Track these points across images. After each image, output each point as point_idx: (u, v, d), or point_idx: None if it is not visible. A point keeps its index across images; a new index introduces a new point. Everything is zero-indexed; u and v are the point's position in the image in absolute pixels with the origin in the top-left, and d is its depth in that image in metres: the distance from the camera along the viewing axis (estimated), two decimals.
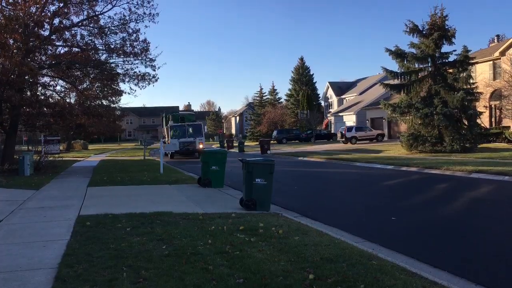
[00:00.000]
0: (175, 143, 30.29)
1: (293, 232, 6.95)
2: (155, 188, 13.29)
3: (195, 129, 31.31)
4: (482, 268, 5.57)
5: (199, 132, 31.38)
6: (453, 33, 26.46)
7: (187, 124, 31.65)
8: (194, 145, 30.29)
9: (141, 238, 6.63)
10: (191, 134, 30.70)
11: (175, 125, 31.57)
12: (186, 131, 30.69)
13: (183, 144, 30.25)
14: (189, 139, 30.40)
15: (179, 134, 30.58)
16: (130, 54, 20.85)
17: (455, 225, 8.10)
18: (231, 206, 9.78)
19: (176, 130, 30.95)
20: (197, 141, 30.50)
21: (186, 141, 30.32)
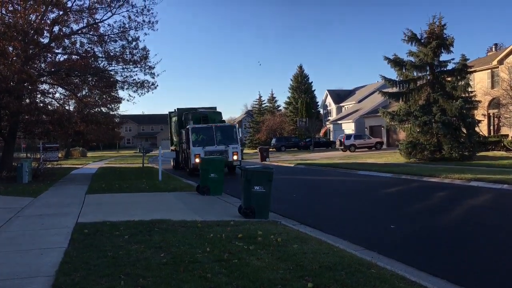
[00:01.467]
0: (199, 153, 20.92)
1: (292, 240, 6.93)
2: (153, 196, 13.26)
3: (227, 132, 22.41)
4: (481, 277, 5.54)
5: (233, 138, 22.16)
6: (451, 41, 26.58)
7: (215, 126, 22.43)
8: (226, 155, 21.05)
9: (139, 246, 6.60)
10: (221, 140, 21.78)
11: (198, 127, 22.11)
12: (213, 136, 21.76)
13: (211, 154, 20.56)
14: (218, 147, 21.36)
15: (204, 140, 21.56)
16: (130, 61, 20.95)
17: (454, 233, 8.08)
18: (229, 213, 9.76)
19: (199, 134, 21.85)
20: (230, 150, 21.51)
21: (214, 151, 21.06)
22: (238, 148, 21.98)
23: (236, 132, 22.42)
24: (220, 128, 22.42)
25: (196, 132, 21.74)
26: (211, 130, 21.88)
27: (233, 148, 21.63)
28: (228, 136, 22.16)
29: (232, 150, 21.58)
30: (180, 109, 26.05)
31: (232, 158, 21.54)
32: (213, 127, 22.04)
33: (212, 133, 21.77)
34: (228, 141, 21.76)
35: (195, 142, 21.37)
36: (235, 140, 22.07)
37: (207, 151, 20.96)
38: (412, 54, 27.59)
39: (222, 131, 22.19)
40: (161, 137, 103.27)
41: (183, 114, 24.65)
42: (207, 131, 21.87)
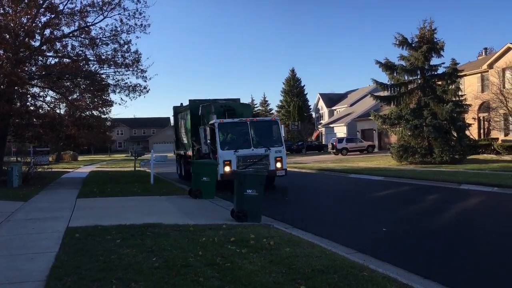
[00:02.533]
0: (229, 159, 15.60)
1: (285, 243, 6.93)
2: (145, 200, 13.20)
3: (267, 130, 16.85)
4: (473, 279, 5.58)
5: (275, 138, 16.64)
6: (442, 46, 26.84)
7: (251, 120, 16.72)
8: (267, 162, 15.91)
9: (131, 250, 6.57)
10: (259, 141, 16.13)
11: (228, 122, 16.52)
12: (249, 135, 16.12)
13: (246, 160, 15.66)
14: (256, 151, 15.90)
15: (236, 141, 16.10)
16: (122, 65, 20.86)
17: (445, 235, 8.13)
18: (222, 217, 9.74)
19: (228, 132, 16.35)
20: (272, 155, 16.04)
21: (251, 156, 15.79)
22: (283, 151, 16.24)
23: (280, 130, 16.50)
24: (258, 124, 16.69)
25: (225, 130, 16.09)
26: (245, 127, 16.12)
27: (276, 152, 15.92)
28: (269, 135, 16.64)
29: (275, 155, 15.86)
30: (195, 100, 19.63)
31: (274, 166, 15.81)
32: (248, 123, 16.24)
33: (247, 131, 16.00)
34: (269, 142, 16.15)
35: (224, 143, 15.73)
36: (278, 141, 16.31)
37: (240, 157, 15.48)
38: (403, 58, 27.82)
39: (260, 128, 16.56)
40: (153, 141, 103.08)
41: (200, 107, 18.25)
42: (239, 129, 16.28)
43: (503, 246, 7.19)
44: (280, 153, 16.13)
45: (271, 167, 15.85)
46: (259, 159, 15.72)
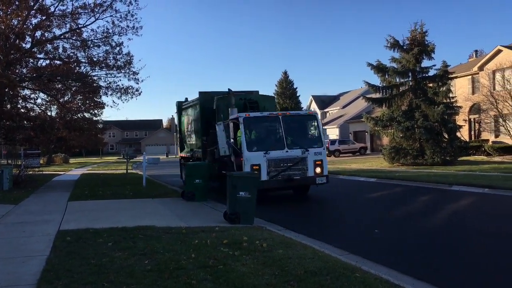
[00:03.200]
0: (258, 163, 12.47)
1: (277, 245, 6.93)
2: (137, 202, 13.13)
3: (303, 127, 14.05)
4: (464, 280, 5.62)
5: (314, 136, 13.70)
6: (433, 48, 27.05)
7: (284, 114, 13.46)
8: (304, 167, 12.82)
9: (123, 253, 6.53)
10: (294, 140, 13.16)
11: (255, 116, 13.31)
12: (282, 133, 13.06)
13: (279, 165, 12.61)
14: (291, 152, 12.79)
15: (265, 141, 13.22)
16: (113, 67, 20.79)
17: (437, 237, 8.18)
18: (214, 219, 9.72)
19: (255, 130, 13.32)
20: (311, 157, 12.89)
21: (285, 159, 12.68)
22: (324, 153, 13.18)
23: (319, 126, 13.51)
24: (292, 119, 13.47)
25: (251, 127, 12.98)
26: (276, 123, 13.06)
27: (315, 154, 12.84)
28: (306, 132, 13.85)
29: (314, 157, 12.76)
30: (206, 93, 16.21)
31: (313, 171, 12.73)
32: (281, 118, 13.02)
33: (278, 128, 13.00)
34: (306, 142, 13.19)
35: (251, 143, 12.63)
36: (318, 140, 13.30)
37: (272, 160, 12.34)
38: (394, 61, 27.99)
39: (295, 125, 13.52)
40: (145, 143, 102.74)
41: (214, 99, 15.07)
42: (269, 125, 13.44)
43: (494, 247, 7.25)
44: (321, 155, 13.06)
45: (309, 172, 12.73)
46: (294, 163, 12.55)
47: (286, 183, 12.66)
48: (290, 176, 12.62)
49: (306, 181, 12.99)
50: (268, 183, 12.44)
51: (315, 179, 12.91)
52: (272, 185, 12.59)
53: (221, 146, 13.06)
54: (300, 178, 12.68)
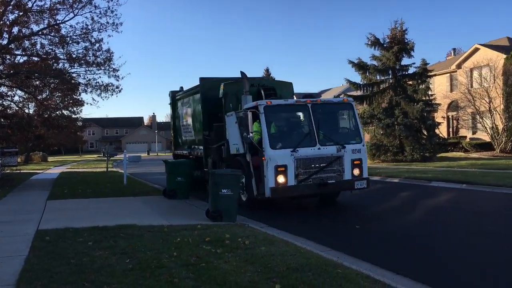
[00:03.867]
0: (284, 164, 9.97)
1: (260, 242, 6.95)
2: (118, 201, 13.00)
3: (337, 117, 11.66)
4: (443, 273, 5.73)
5: (349, 129, 11.35)
6: (412, 46, 27.43)
7: (312, 102, 10.82)
8: (339, 168, 10.47)
9: (103, 252, 6.46)
10: (326, 135, 10.59)
11: (278, 104, 10.82)
12: (312, 126, 10.49)
13: (310, 165, 10.19)
14: (324, 150, 10.35)
15: (291, 135, 10.77)
16: (93, 63, 20.47)
17: (417, 232, 8.31)
18: (197, 217, 9.68)
19: (279, 121, 11.03)
20: (348, 156, 10.54)
21: (316, 157, 10.25)
22: (364, 151, 10.86)
23: (356, 117, 11.16)
24: (324, 108, 11.06)
25: (273, 117, 10.54)
26: (305, 113, 10.70)
27: (353, 151, 10.54)
28: (340, 125, 11.54)
29: (352, 156, 10.49)
30: (208, 79, 13.99)
31: (351, 174, 10.49)
32: (310, 106, 10.54)
33: (307, 119, 10.59)
34: (341, 137, 10.84)
35: (274, 138, 10.25)
36: (355, 134, 10.99)
37: (301, 159, 10.01)
38: (375, 58, 28.29)
39: (327, 115, 11.07)
40: (126, 141, 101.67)
41: (221, 86, 12.57)
42: (295, 116, 11.29)
43: (472, 242, 7.41)
44: (360, 154, 10.62)
45: (346, 175, 10.39)
46: (328, 164, 10.20)
47: (319, 188, 10.16)
48: (323, 179, 10.15)
49: (343, 186, 10.56)
50: (297, 189, 9.94)
51: (353, 183, 10.46)
52: (301, 191, 10.07)
53: (233, 142, 11.20)
54: (335, 182, 10.27)
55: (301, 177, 10.03)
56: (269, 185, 9.87)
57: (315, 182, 10.15)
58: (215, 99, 12.85)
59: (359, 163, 10.65)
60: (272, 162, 9.91)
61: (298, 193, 10.26)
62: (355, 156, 10.57)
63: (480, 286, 5.31)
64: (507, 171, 17.56)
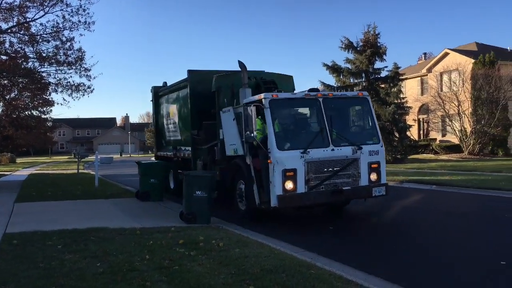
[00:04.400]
0: (293, 166, 8.53)
1: (234, 244, 6.92)
2: (89, 203, 12.72)
3: (351, 114, 10.34)
4: (412, 273, 5.83)
5: (365, 127, 10.18)
6: (385, 50, 27.95)
7: (324, 96, 9.33)
8: (355, 172, 9.04)
9: (73, 255, 6.31)
10: (339, 134, 9.17)
11: (286, 98, 9.39)
12: (324, 124, 9.02)
13: (322, 169, 8.76)
14: (338, 151, 8.93)
15: (300, 134, 9.49)
16: (64, 63, 20.04)
17: (388, 232, 8.44)
18: (170, 219, 9.57)
19: (286, 119, 9.71)
20: (364, 158, 9.15)
21: (329, 159, 8.83)
22: (382, 152, 9.53)
23: (372, 114, 9.88)
24: (337, 104, 9.79)
25: (280, 113, 9.29)
26: (315, 108, 9.38)
27: (370, 153, 9.29)
28: (355, 123, 10.51)
29: (369, 159, 9.22)
30: (197, 72, 12.72)
31: (368, 179, 9.19)
32: (321, 100, 9.22)
33: (318, 116, 9.28)
34: (357, 136, 9.67)
35: (281, 138, 8.99)
36: (372, 134, 9.80)
37: (313, 163, 8.68)
38: (349, 61, 28.70)
39: (340, 111, 9.86)
40: (98, 142, 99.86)
41: (213, 79, 11.45)
42: (307, 111, 10.10)
43: (443, 241, 7.57)
44: (377, 156, 9.36)
45: (363, 181, 9.09)
46: (342, 167, 8.90)
47: (333, 196, 8.80)
48: (337, 186, 8.83)
49: (359, 193, 9.19)
50: (308, 197, 8.58)
51: (370, 189, 9.13)
52: (313, 200, 8.71)
53: (229, 142, 10.01)
54: (351, 189, 8.92)
55: (312, 183, 8.63)
56: (275, 193, 8.39)
57: (328, 189, 8.76)
58: (206, 94, 11.69)
59: (377, 166, 9.36)
60: (279, 165, 8.48)
61: (309, 202, 8.79)
62: (373, 158, 9.29)
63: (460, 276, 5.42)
64: (474, 173, 18.11)
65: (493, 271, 5.81)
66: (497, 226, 8.70)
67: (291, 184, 8.50)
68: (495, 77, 28.31)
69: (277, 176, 8.46)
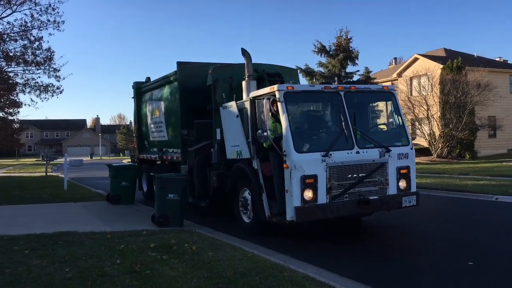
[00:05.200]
0: (313, 172, 7.24)
1: (207, 247, 6.87)
2: (58, 207, 12.41)
3: (376, 109, 9.15)
4: (382, 274, 5.92)
5: (392, 126, 8.73)
6: (357, 54, 28.48)
7: (346, 90, 8.00)
8: (382, 179, 7.82)
9: (41, 260, 6.13)
10: (365, 135, 7.92)
11: (303, 90, 8.23)
12: (347, 121, 7.72)
13: (346, 175, 7.50)
14: (365, 153, 7.68)
15: (319, 134, 8.30)
16: (32, 63, 19.60)
17: (359, 235, 8.55)
18: (142, 223, 9.43)
19: (297, 114, 8.28)
20: (392, 162, 7.92)
21: (355, 163, 7.56)
22: (411, 156, 8.35)
23: (400, 110, 8.63)
24: (360, 98, 8.60)
25: (295, 109, 8.21)
26: (336, 103, 8.06)
27: (399, 156, 8.11)
28: (380, 121, 9.24)
29: (397, 163, 8.05)
30: (187, 64, 11.51)
31: (396, 186, 8.05)
32: (343, 95, 7.95)
33: (339, 112, 7.93)
34: (383, 137, 8.43)
35: (299, 138, 7.66)
36: (400, 134, 8.65)
37: (335, 167, 7.43)
38: (321, 65, 29.09)
39: (364, 107, 8.67)
40: (67, 144, 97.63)
41: (210, 71, 9.96)
42: (324, 107, 8.77)
43: (414, 245, 7.72)
44: (407, 160, 8.19)
45: (391, 189, 7.94)
46: (368, 173, 7.70)
47: (358, 208, 7.58)
48: (363, 195, 7.65)
49: (388, 204, 7.90)
50: (330, 209, 7.32)
51: (400, 199, 7.95)
52: (336, 212, 7.39)
53: (231, 143, 8.77)
54: (378, 198, 7.73)
55: (335, 192, 7.40)
56: (293, 204, 7.12)
57: (353, 198, 7.54)
58: (197, 89, 10.55)
59: (406, 172, 8.14)
60: (297, 171, 7.18)
61: (332, 215, 7.40)
62: (402, 163, 8.07)
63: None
64: (443, 175, 18.59)
65: (460, 271, 5.95)
66: (464, 227, 8.93)
67: (311, 194, 7.26)
68: (462, 82, 29.14)
69: (295, 184, 7.17)
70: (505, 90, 34.16)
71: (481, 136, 31.48)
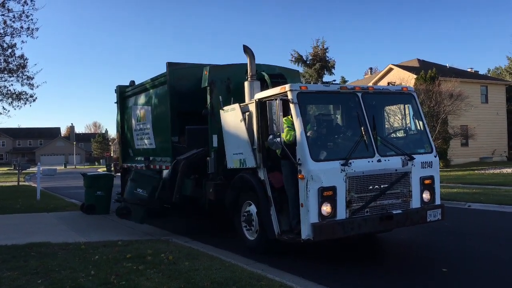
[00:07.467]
0: (332, 183, 6.38)
1: (184, 257, 6.80)
2: (30, 217, 12.09)
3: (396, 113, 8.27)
4: (361, 282, 5.97)
5: (414, 130, 7.90)
6: (333, 64, 28.92)
7: (363, 91, 7.15)
8: (405, 191, 6.98)
9: (12, 272, 5.96)
10: (385, 140, 7.23)
11: (317, 90, 7.27)
12: (366, 126, 6.87)
13: (367, 187, 6.65)
14: (387, 162, 6.86)
15: (337, 141, 7.31)
16: (4, 70, 19.19)
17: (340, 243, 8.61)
18: (117, 233, 9.29)
19: (311, 118, 7.31)
20: (416, 171, 7.09)
21: (377, 173, 6.72)
22: (436, 164, 7.48)
23: (421, 113, 7.78)
24: (379, 100, 7.83)
25: (311, 112, 7.62)
26: (353, 105, 7.19)
27: (422, 164, 7.23)
28: (402, 125, 8.24)
29: (421, 172, 7.20)
30: (178, 65, 10.50)
31: (420, 199, 7.18)
32: (360, 97, 7.10)
33: (360, 117, 7.00)
34: (405, 143, 7.78)
35: (315, 143, 6.79)
36: (423, 139, 7.78)
37: (355, 178, 6.57)
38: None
39: (382, 111, 7.96)
40: (40, 153, 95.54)
41: (205, 72, 9.13)
42: (340, 109, 8.11)
43: (395, 254, 7.81)
44: (431, 169, 7.38)
45: (414, 202, 7.14)
46: (391, 184, 6.88)
47: (381, 224, 6.76)
48: (386, 209, 6.82)
49: (412, 219, 7.06)
50: (351, 226, 6.48)
51: (425, 213, 7.14)
52: (357, 229, 6.55)
53: (233, 150, 7.91)
54: (402, 213, 6.90)
55: (355, 206, 6.57)
56: (309, 220, 6.26)
57: (375, 213, 6.72)
58: (190, 92, 9.86)
59: (430, 182, 7.32)
60: (315, 182, 6.33)
61: (353, 232, 6.53)
62: (426, 172, 7.26)
63: None
64: None
65: (434, 277, 6.05)
66: (437, 235, 9.09)
67: (329, 208, 6.38)
68: (435, 92, 29.80)
69: (312, 197, 6.29)
70: (477, 100, 35.10)
71: (454, 145, 32.20)
